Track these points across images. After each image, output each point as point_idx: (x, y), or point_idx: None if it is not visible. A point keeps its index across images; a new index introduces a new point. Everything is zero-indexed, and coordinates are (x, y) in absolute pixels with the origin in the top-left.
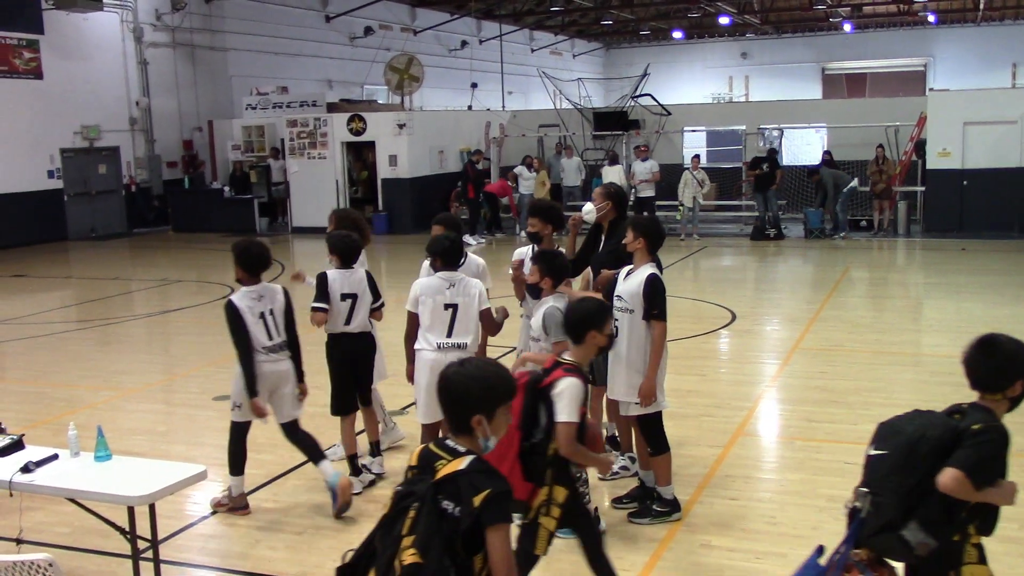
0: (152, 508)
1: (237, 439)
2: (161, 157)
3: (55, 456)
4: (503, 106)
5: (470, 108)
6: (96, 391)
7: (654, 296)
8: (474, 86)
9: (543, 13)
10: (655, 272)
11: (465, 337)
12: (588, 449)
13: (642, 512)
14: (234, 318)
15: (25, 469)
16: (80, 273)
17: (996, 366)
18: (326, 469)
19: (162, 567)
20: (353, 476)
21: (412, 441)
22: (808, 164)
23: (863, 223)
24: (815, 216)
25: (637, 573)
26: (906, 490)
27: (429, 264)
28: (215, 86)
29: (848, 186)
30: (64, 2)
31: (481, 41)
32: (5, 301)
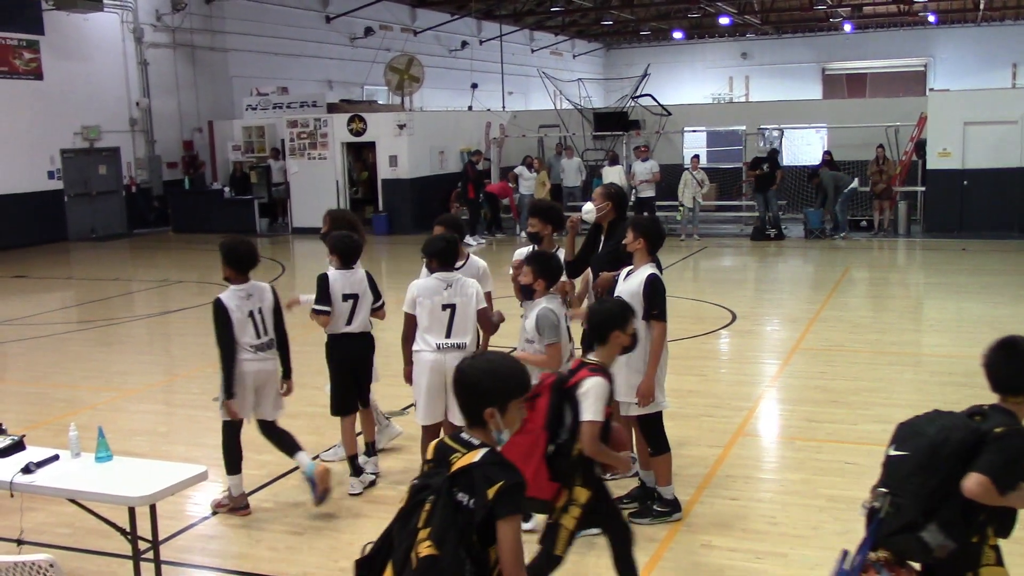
0: (153, 509)
1: (230, 438)
2: (161, 158)
3: (56, 457)
4: (503, 106)
5: (470, 108)
6: (97, 392)
7: (654, 296)
8: (474, 86)
9: (543, 13)
10: (655, 272)
11: (464, 337)
12: (612, 449)
13: (642, 512)
14: (221, 316)
15: (26, 470)
16: (80, 274)
17: (1018, 368)
18: (302, 460)
19: (163, 568)
20: (354, 476)
21: (411, 441)
22: (808, 164)
23: (863, 223)
24: (815, 216)
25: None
26: (927, 492)
27: (426, 265)
28: (215, 87)
29: (848, 187)
30: (64, 3)
31: (481, 41)
32: (6, 302)
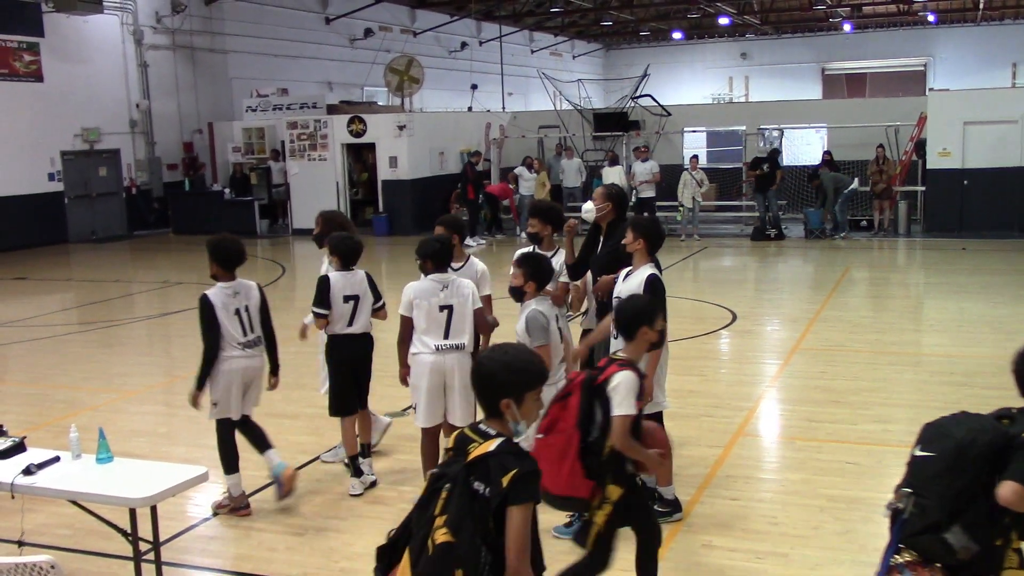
0: (154, 510)
1: (224, 437)
2: (161, 159)
3: (57, 458)
4: (503, 107)
5: (470, 109)
6: (97, 393)
7: (654, 296)
8: (474, 87)
9: (543, 14)
10: (655, 272)
11: (462, 337)
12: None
13: None
14: (206, 312)
15: (27, 471)
16: (81, 275)
17: None
18: (272, 457)
19: (164, 569)
20: (355, 477)
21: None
22: (808, 164)
23: (863, 223)
24: (815, 216)
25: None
26: (953, 493)
27: (419, 267)
28: (215, 88)
29: (848, 188)
30: (64, 5)
31: (481, 42)
32: (6, 304)
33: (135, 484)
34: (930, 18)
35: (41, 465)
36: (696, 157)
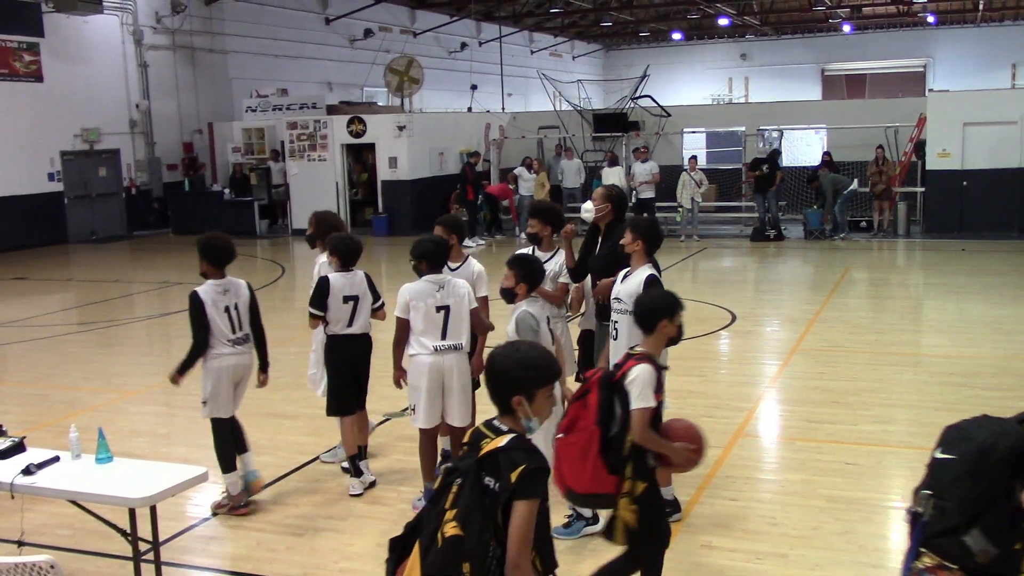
0: (153, 510)
1: (220, 436)
2: (161, 160)
3: (56, 458)
4: (503, 108)
5: (470, 110)
6: (97, 393)
7: None
8: (474, 88)
9: (542, 15)
10: (654, 273)
11: (460, 337)
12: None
13: None
14: (196, 308)
15: (26, 471)
16: (81, 276)
17: None
18: (247, 462)
19: (163, 569)
20: (355, 477)
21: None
22: (808, 165)
23: (863, 224)
24: (815, 217)
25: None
26: (973, 496)
27: (413, 268)
28: (215, 88)
29: (848, 189)
30: (64, 5)
31: (481, 43)
32: (6, 304)
33: (135, 484)
34: (930, 19)
35: (41, 465)
36: (695, 158)
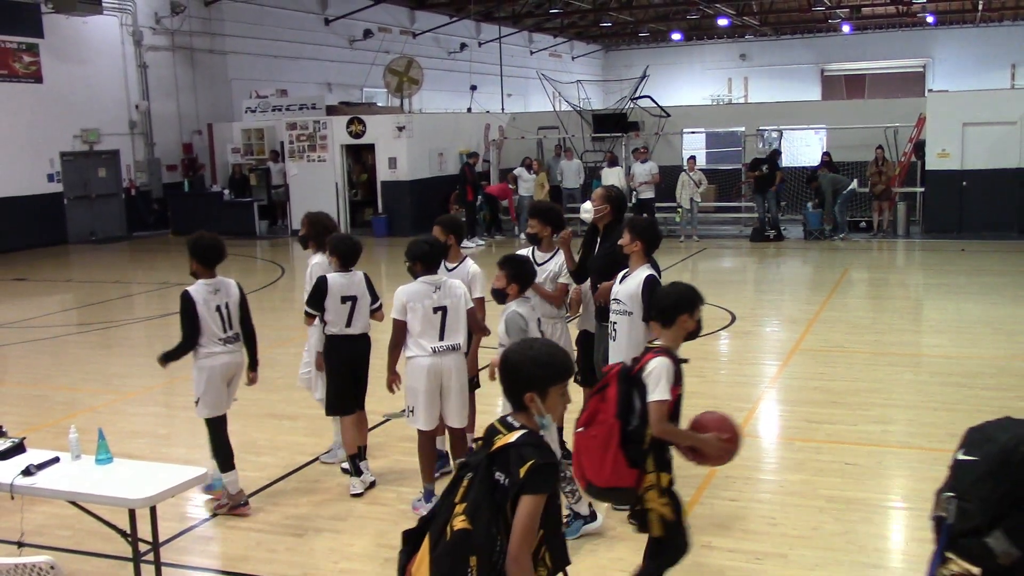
0: (153, 511)
1: (217, 434)
2: (161, 160)
3: (56, 459)
4: (502, 108)
5: (469, 110)
6: (97, 394)
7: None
8: (473, 88)
9: (542, 15)
10: (652, 273)
11: (457, 338)
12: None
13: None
14: (187, 307)
15: (26, 472)
16: (80, 276)
17: None
18: (217, 470)
19: (163, 570)
20: (355, 476)
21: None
22: (807, 166)
23: (862, 224)
24: (814, 217)
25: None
26: (996, 498)
27: (408, 270)
28: (214, 89)
29: (847, 189)
30: (63, 6)
31: (480, 43)
32: (6, 305)
33: (134, 485)
34: (929, 19)
35: (41, 466)
36: (693, 158)
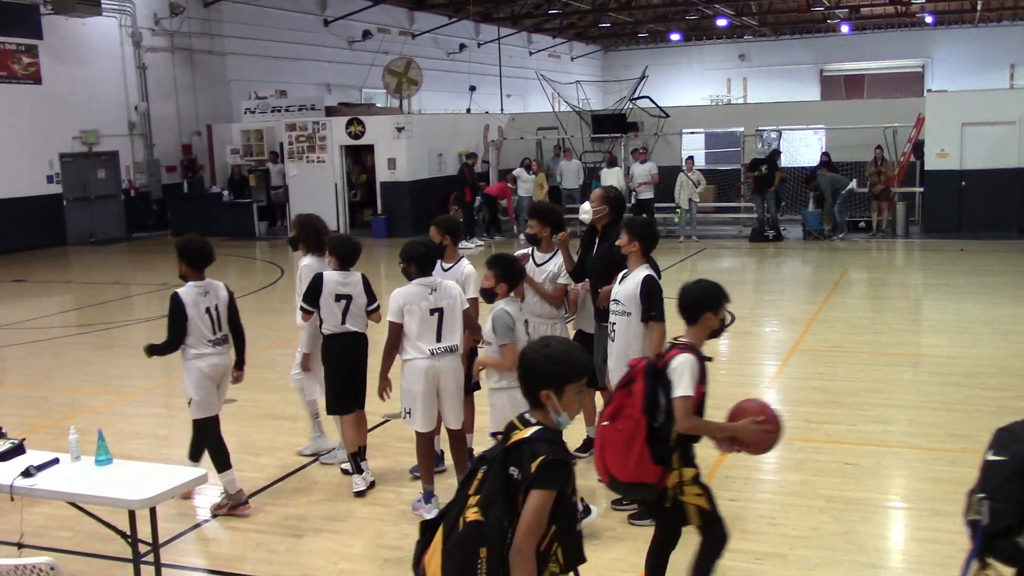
0: (153, 512)
1: (211, 435)
2: (160, 161)
3: (56, 460)
4: (501, 109)
5: (468, 111)
6: (96, 395)
7: (652, 297)
8: (472, 89)
9: (541, 16)
10: (651, 274)
11: (454, 339)
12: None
13: (642, 514)
14: (176, 309)
15: (26, 473)
16: (80, 278)
17: None
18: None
19: (163, 571)
20: (357, 474)
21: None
22: (806, 166)
23: (861, 224)
24: (814, 217)
25: (638, 574)
26: None
27: (402, 271)
28: (214, 90)
29: (846, 189)
30: (63, 7)
31: (479, 44)
32: (5, 306)
33: (134, 486)
34: (928, 19)
35: (40, 467)
36: (691, 158)
